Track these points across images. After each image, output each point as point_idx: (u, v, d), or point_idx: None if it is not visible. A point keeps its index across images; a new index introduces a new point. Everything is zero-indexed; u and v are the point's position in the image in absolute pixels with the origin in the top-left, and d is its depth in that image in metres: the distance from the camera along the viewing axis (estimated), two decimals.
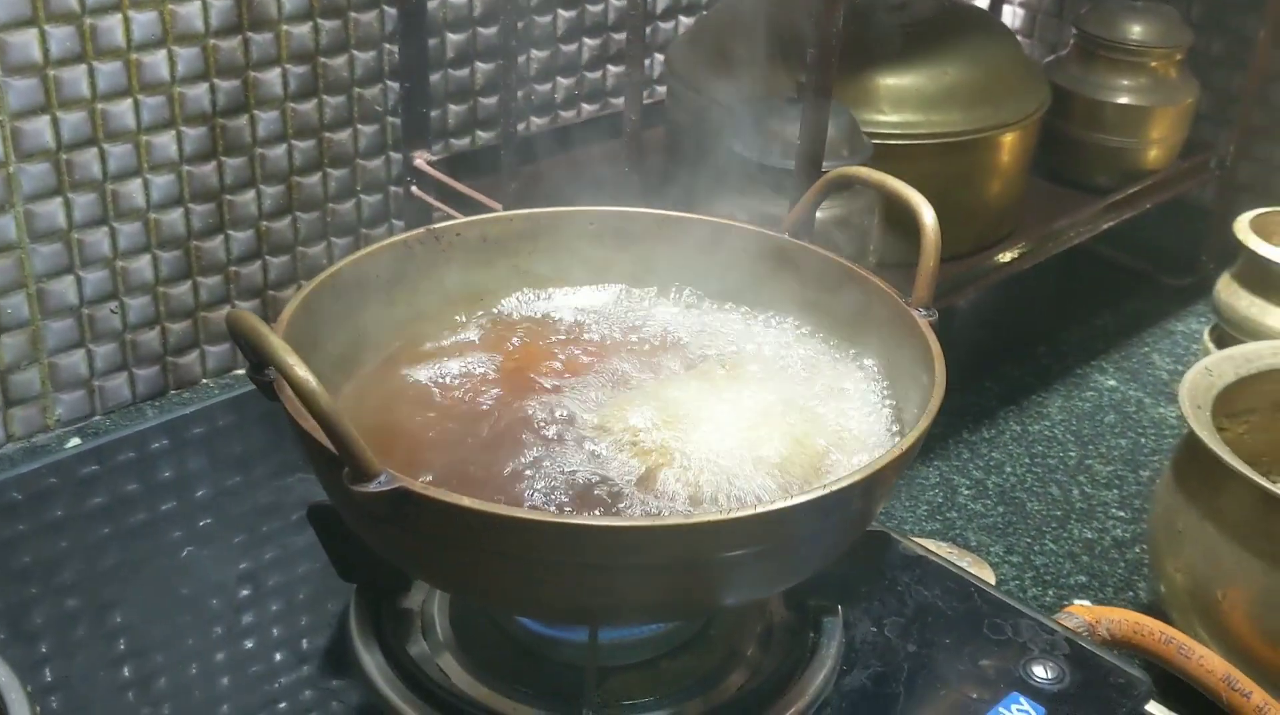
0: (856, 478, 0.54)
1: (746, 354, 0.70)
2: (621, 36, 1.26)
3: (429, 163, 1.12)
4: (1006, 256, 1.11)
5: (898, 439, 0.63)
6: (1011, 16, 1.52)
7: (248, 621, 0.70)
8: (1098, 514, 1.00)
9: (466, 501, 0.52)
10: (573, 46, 1.23)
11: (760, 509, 0.53)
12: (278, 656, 0.68)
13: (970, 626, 0.71)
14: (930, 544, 0.93)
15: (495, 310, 0.74)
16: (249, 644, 0.69)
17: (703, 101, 1.06)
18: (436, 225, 0.73)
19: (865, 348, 0.70)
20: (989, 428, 1.11)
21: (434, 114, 1.15)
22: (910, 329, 0.66)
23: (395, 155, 1.15)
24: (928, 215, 0.67)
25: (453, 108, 1.17)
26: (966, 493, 1.03)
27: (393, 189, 1.16)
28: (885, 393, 0.68)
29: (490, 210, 0.94)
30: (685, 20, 1.29)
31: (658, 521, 0.53)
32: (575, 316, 0.74)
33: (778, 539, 0.55)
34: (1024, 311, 1.32)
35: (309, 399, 0.51)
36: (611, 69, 1.27)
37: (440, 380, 0.70)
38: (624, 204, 0.77)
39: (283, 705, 0.66)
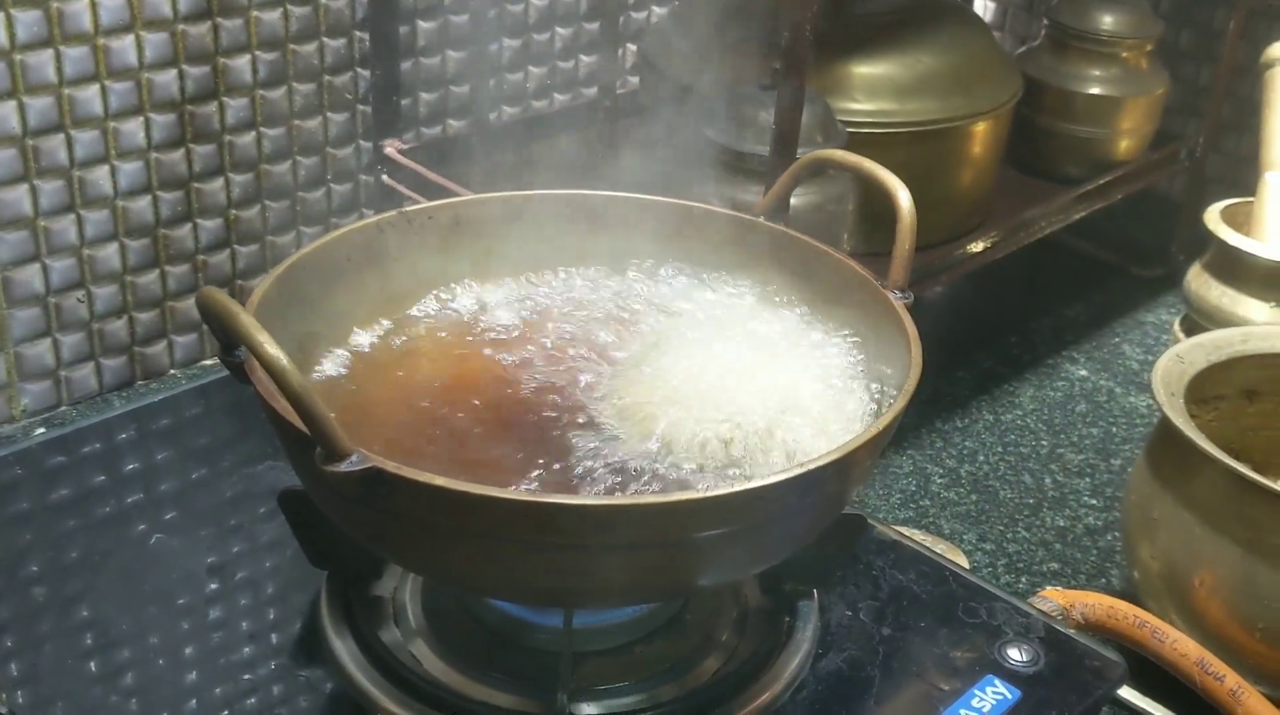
0: (831, 458, 0.54)
1: (727, 333, 0.69)
2: (594, 26, 1.25)
3: (400, 151, 1.11)
4: (978, 246, 1.11)
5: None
6: (983, 10, 1.52)
7: (217, 612, 0.70)
8: (1070, 502, 1.01)
9: (439, 481, 0.51)
10: (545, 35, 1.22)
11: (734, 488, 0.53)
12: (248, 648, 0.67)
13: (945, 610, 0.71)
14: (903, 531, 0.93)
15: (468, 292, 0.74)
16: (219, 634, 0.68)
17: (677, 89, 1.05)
18: (408, 208, 0.72)
19: (842, 331, 0.70)
20: (962, 417, 1.11)
21: (405, 102, 1.14)
22: (886, 312, 0.66)
23: (366, 144, 1.14)
24: (903, 198, 0.67)
25: (424, 96, 1.16)
26: (940, 481, 1.03)
27: (363, 178, 1.15)
28: (862, 375, 0.67)
29: None
30: (658, 10, 1.29)
31: (628, 501, 0.53)
32: (549, 298, 0.73)
33: (751, 519, 0.54)
34: (996, 302, 1.32)
35: (280, 377, 0.50)
36: (584, 58, 1.27)
37: (414, 362, 0.69)
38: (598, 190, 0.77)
39: (254, 696, 0.65)
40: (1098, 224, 1.29)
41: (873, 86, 1.04)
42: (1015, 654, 0.67)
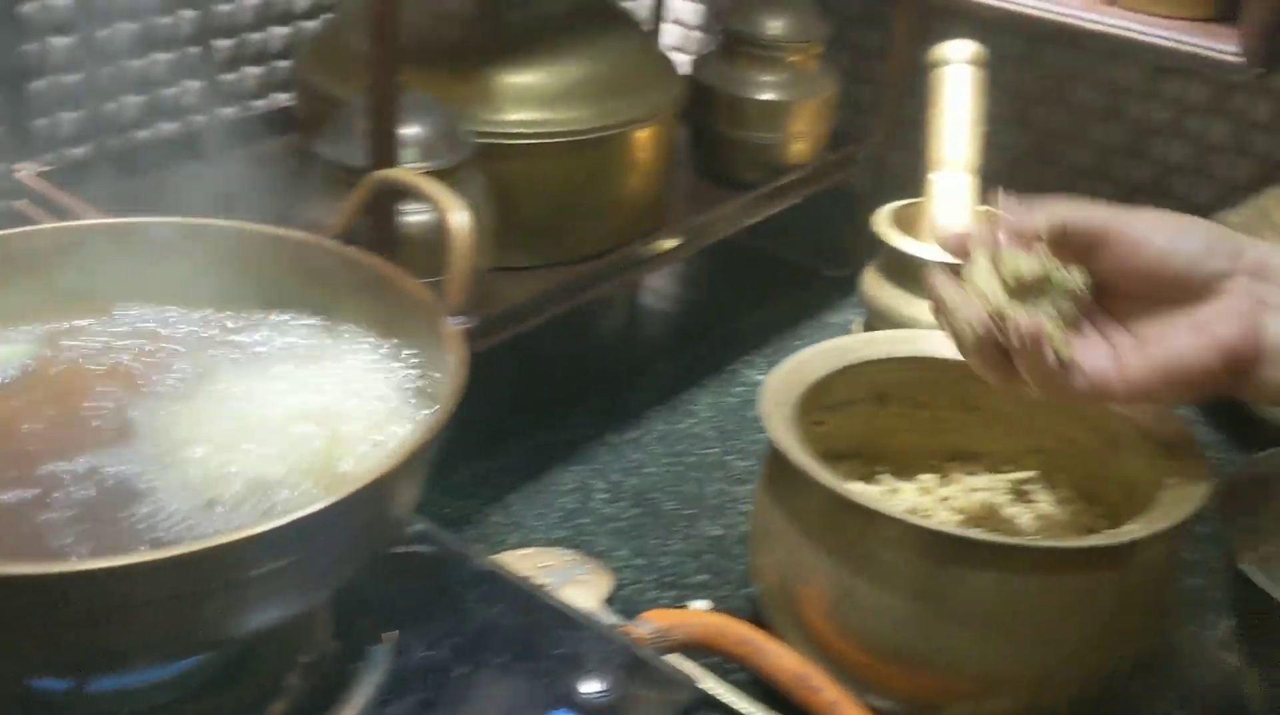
0: (321, 506, 0.51)
1: (276, 359, 0.66)
2: (257, 37, 1.21)
3: (38, 175, 1.05)
4: (649, 252, 1.10)
5: None
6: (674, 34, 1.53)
7: None
8: (728, 510, 1.00)
9: None
10: (199, 49, 1.17)
11: (205, 544, 0.49)
12: None
13: (528, 642, 0.69)
14: (550, 554, 0.91)
15: (19, 332, 0.69)
16: None
17: (321, 104, 1.01)
18: None
19: (405, 354, 0.67)
20: (635, 428, 1.10)
21: (42, 123, 1.08)
22: (441, 336, 0.64)
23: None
24: (455, 219, 0.65)
25: (65, 115, 1.10)
26: (602, 496, 1.01)
27: None
28: (423, 400, 0.65)
29: None
30: (306, 25, 1.24)
31: (69, 567, 0.49)
32: (92, 337, 0.69)
33: (237, 574, 0.51)
34: (686, 310, 1.32)
35: None
36: (251, 70, 1.22)
37: None
38: (211, 214, 0.73)
39: None
40: (795, 225, 1.30)
41: (521, 96, 1.02)
42: (591, 685, 0.66)
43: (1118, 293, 0.68)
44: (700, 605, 0.90)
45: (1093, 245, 0.67)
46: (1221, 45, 1.11)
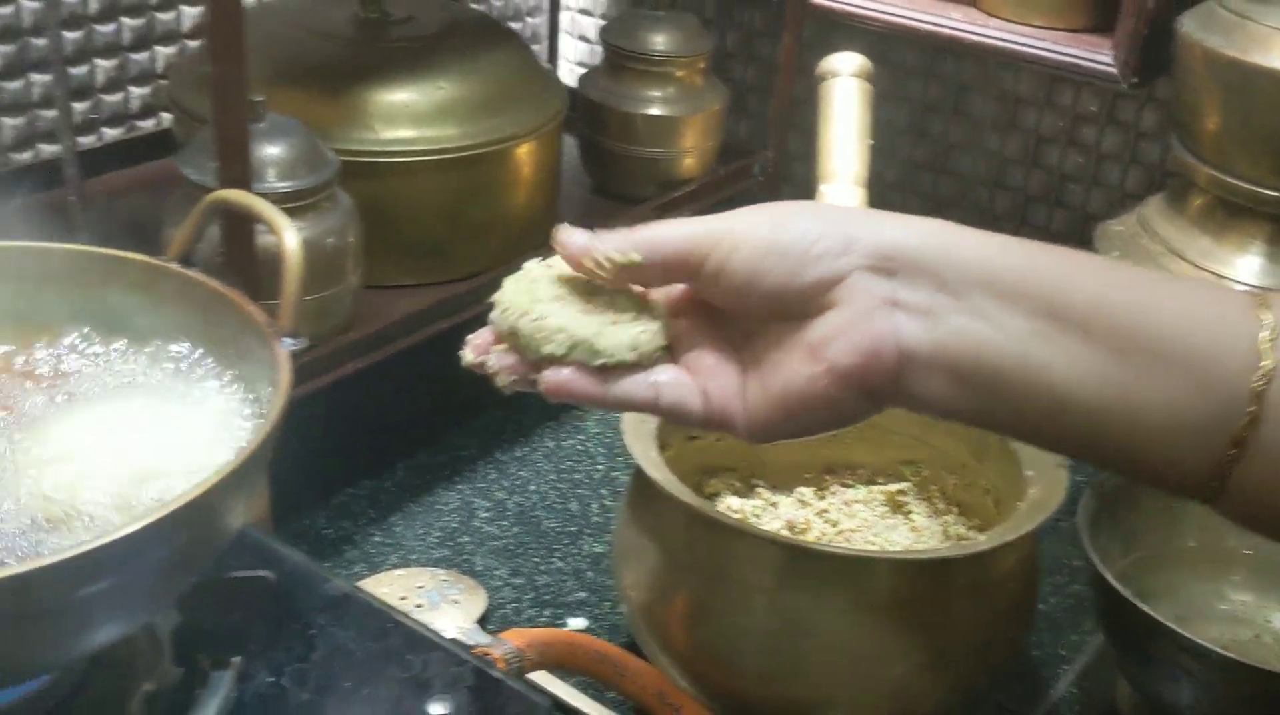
0: (137, 526, 0.50)
1: (100, 384, 0.65)
2: (142, 56, 1.19)
3: None
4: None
5: None
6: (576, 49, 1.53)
7: None
8: (611, 527, 0.99)
9: None
10: (84, 68, 1.16)
11: (31, 565, 0.48)
12: None
13: (379, 665, 0.67)
14: (425, 574, 0.91)
15: None
16: None
17: (189, 125, 1.00)
18: None
19: (235, 378, 0.66)
20: (523, 446, 1.09)
21: None
22: (271, 359, 0.63)
23: None
24: (288, 238, 0.64)
25: None
26: (484, 515, 1.00)
27: None
28: (247, 423, 0.64)
29: None
30: (163, 50, 1.22)
31: None
32: None
33: (62, 595, 0.50)
34: None
35: None
36: (134, 90, 1.20)
37: None
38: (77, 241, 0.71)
39: None
40: None
41: (395, 114, 1.01)
42: (438, 708, 0.65)
43: (738, 313, 0.55)
44: (578, 623, 0.90)
45: (689, 264, 0.54)
46: (1099, 56, 1.12)
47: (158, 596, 0.57)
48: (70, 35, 1.14)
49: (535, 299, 0.57)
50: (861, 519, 0.87)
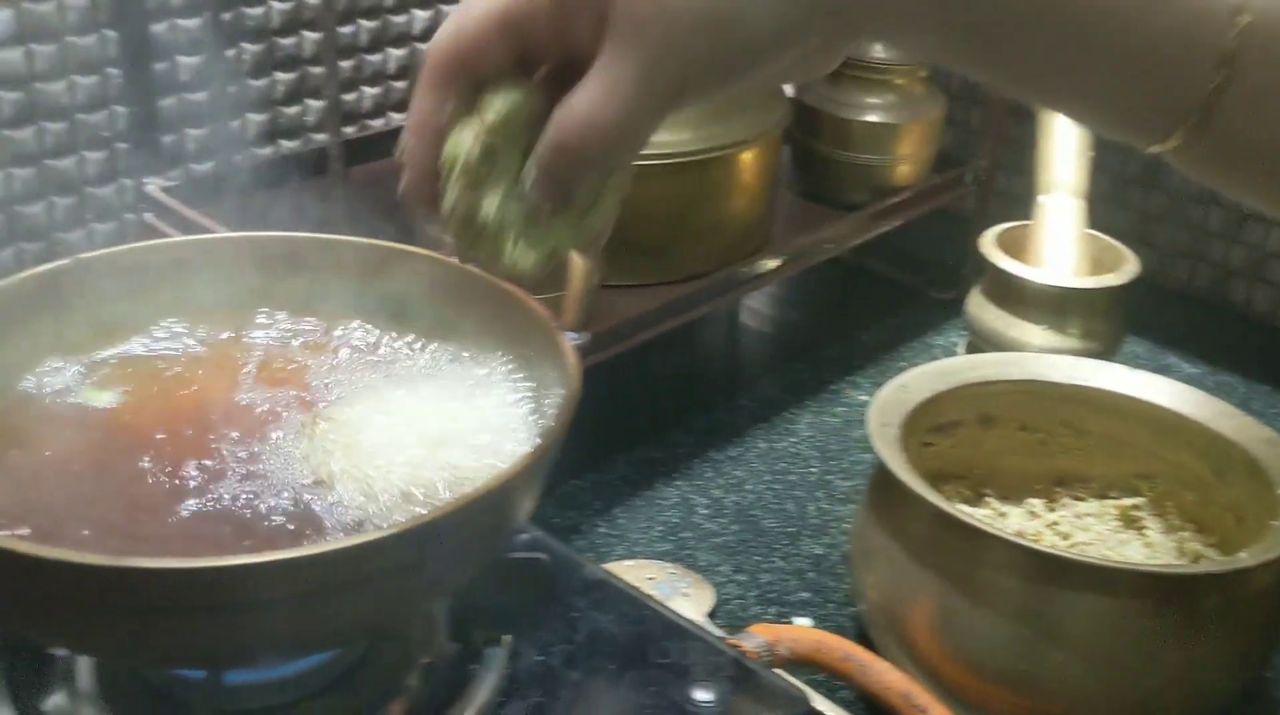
0: (439, 513, 0.53)
1: (409, 375, 0.68)
2: (375, 58, 1.24)
3: (164, 189, 1.09)
4: (752, 272, 1.12)
5: None
6: None
7: None
8: (830, 529, 1.01)
9: (23, 547, 0.49)
10: (321, 70, 1.21)
11: (339, 545, 0.51)
12: None
13: (638, 651, 0.70)
14: (653, 566, 0.93)
15: (150, 341, 0.72)
16: None
17: None
18: (85, 254, 0.70)
19: (520, 371, 0.69)
20: (736, 445, 1.11)
21: (169, 139, 1.12)
22: (557, 353, 0.66)
23: (129, 182, 1.11)
24: None
25: (191, 132, 1.14)
26: (703, 512, 1.02)
27: (129, 216, 1.12)
28: (534, 416, 0.66)
29: None
30: (395, 52, 1.27)
31: (204, 563, 0.51)
32: (238, 344, 0.72)
33: (368, 573, 0.53)
34: (790, 329, 1.33)
35: None
36: (368, 90, 1.25)
37: (80, 416, 0.67)
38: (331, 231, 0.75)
39: None
40: (901, 246, 1.31)
41: None
42: (700, 694, 0.67)
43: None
44: (803, 622, 0.91)
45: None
46: None
47: (455, 578, 0.60)
48: (310, 36, 1.19)
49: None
50: (1095, 533, 0.87)
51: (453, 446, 0.64)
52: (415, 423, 0.64)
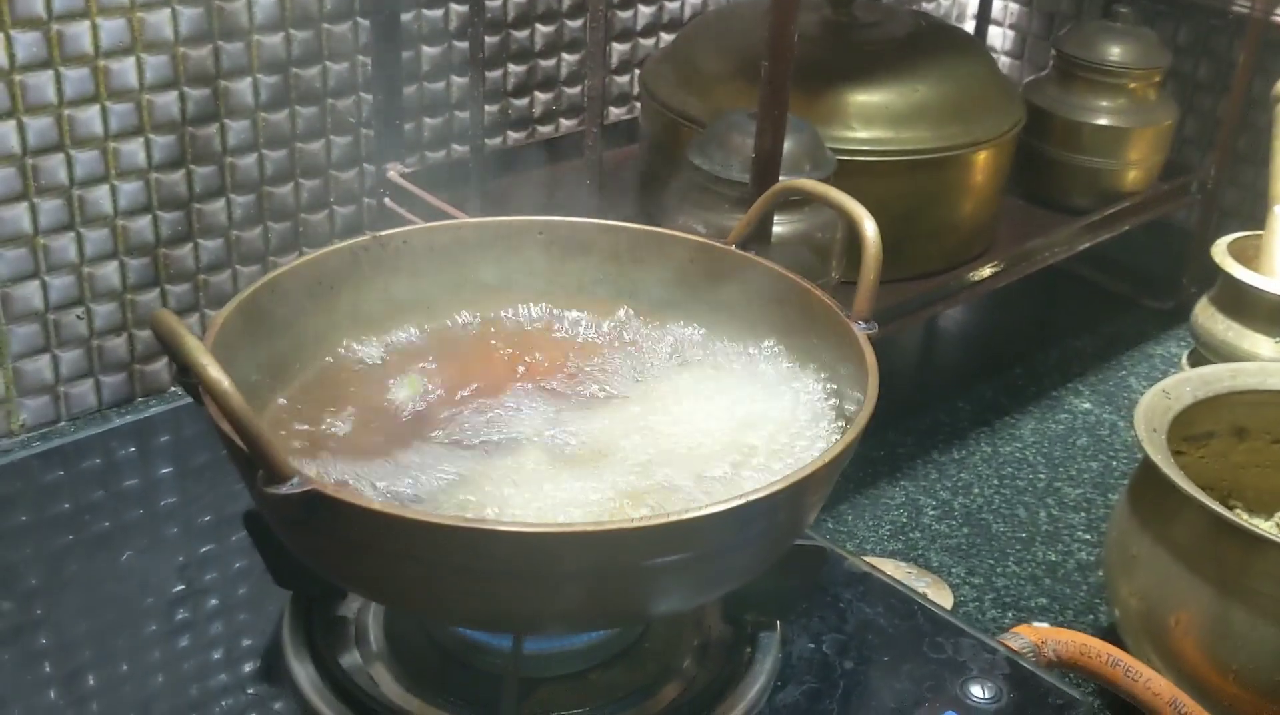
0: (773, 490, 0.54)
1: (691, 362, 0.69)
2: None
3: (402, 175, 1.12)
4: (978, 275, 1.11)
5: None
6: (1001, 38, 1.52)
7: (189, 625, 0.70)
8: (1063, 537, 0.99)
9: (376, 505, 0.51)
10: (551, 61, 1.23)
11: (676, 517, 0.52)
12: (213, 668, 0.68)
13: (910, 645, 0.70)
14: (889, 564, 0.93)
15: (441, 318, 0.74)
16: (184, 642, 0.69)
17: (671, 117, 1.06)
18: (383, 232, 0.73)
19: (808, 361, 0.69)
20: (959, 448, 1.10)
21: (409, 127, 1.15)
22: (850, 342, 0.66)
23: (369, 167, 1.15)
24: (869, 228, 0.67)
25: (428, 120, 1.17)
26: (932, 513, 1.02)
27: (367, 201, 1.16)
28: (831, 406, 0.67)
29: None
30: (666, 36, 1.29)
31: (565, 527, 0.53)
32: (521, 325, 0.74)
33: (697, 548, 0.54)
34: (1002, 332, 1.31)
35: (221, 400, 0.51)
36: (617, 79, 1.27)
37: (382, 386, 0.70)
38: (585, 217, 0.77)
39: (213, 710, 0.65)
40: (1112, 254, 1.29)
41: (869, 115, 1.04)
42: (978, 691, 0.67)
43: None
44: (1042, 628, 0.90)
45: None
46: None
47: (748, 568, 0.61)
48: (543, 29, 1.21)
49: None
50: None
51: (757, 430, 0.65)
52: (719, 410, 0.65)
